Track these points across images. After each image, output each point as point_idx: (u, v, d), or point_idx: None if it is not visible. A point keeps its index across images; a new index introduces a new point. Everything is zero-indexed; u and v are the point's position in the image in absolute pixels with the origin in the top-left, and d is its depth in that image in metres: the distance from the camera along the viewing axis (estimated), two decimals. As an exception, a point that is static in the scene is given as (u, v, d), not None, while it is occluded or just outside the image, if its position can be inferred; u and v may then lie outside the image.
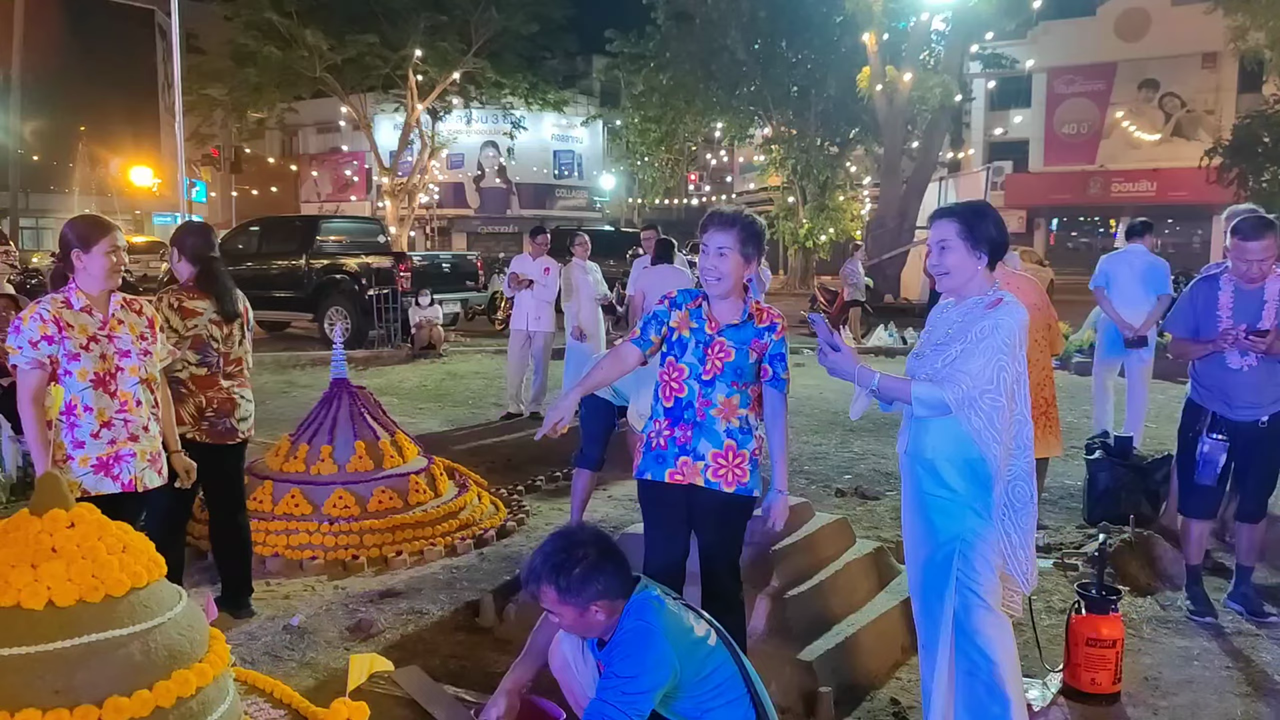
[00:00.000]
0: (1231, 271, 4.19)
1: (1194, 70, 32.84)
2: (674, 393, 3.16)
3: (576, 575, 2.58)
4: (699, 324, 3.17)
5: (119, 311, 3.48)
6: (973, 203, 2.99)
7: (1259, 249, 4.03)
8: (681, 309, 3.21)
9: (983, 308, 2.81)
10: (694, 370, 3.14)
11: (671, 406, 3.17)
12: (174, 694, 2.33)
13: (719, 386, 3.12)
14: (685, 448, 3.13)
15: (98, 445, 3.36)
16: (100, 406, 3.36)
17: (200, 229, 4.34)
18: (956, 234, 2.84)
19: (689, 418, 3.13)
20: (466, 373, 12.21)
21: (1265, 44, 23.01)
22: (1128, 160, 33.84)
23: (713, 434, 3.11)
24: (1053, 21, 31.71)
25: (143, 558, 2.48)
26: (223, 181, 39.92)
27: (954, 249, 2.85)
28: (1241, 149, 23.74)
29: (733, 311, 3.19)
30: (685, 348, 3.16)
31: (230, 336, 4.13)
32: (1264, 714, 3.45)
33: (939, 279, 2.93)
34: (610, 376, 3.38)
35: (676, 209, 40.69)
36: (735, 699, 2.65)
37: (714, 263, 3.13)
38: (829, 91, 25.24)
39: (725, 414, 3.12)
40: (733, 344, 3.14)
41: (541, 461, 7.24)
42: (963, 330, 2.80)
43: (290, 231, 16.50)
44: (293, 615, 4.22)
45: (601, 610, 2.62)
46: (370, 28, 24.78)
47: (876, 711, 3.47)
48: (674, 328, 3.20)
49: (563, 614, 2.62)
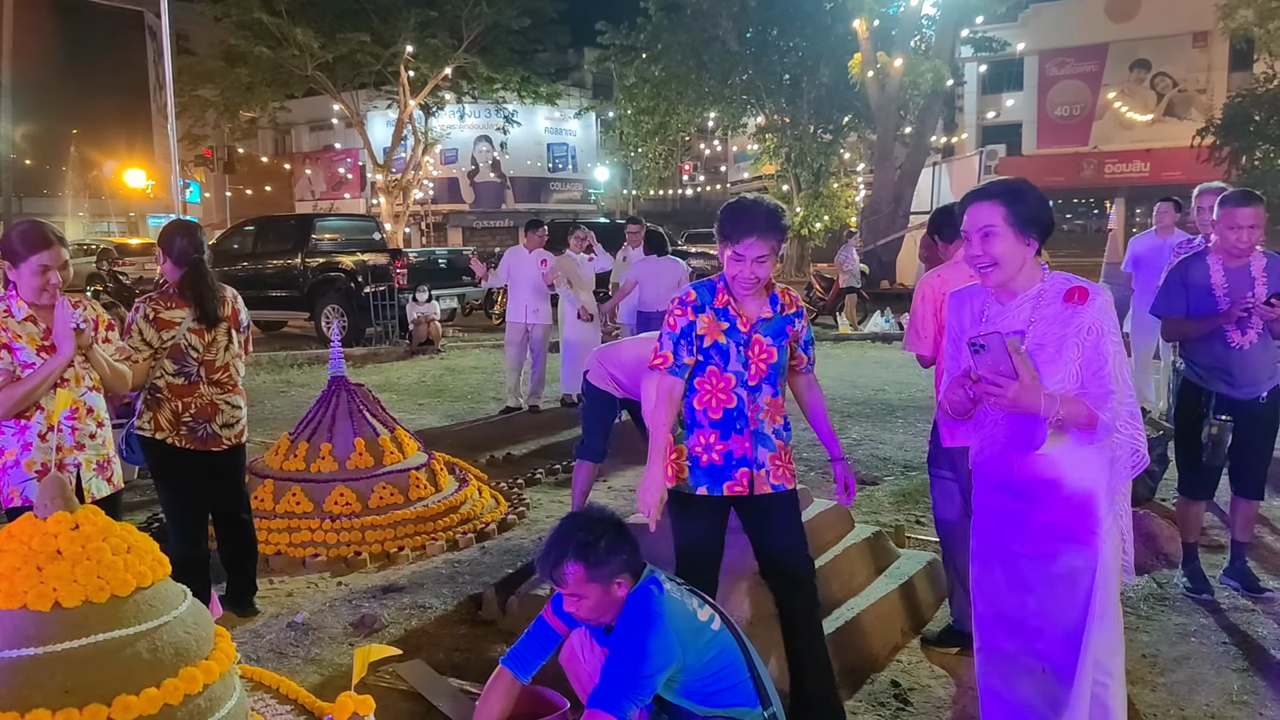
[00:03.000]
0: (1218, 246, 4.22)
1: (1185, 50, 32.85)
2: (721, 404, 3.02)
3: (603, 549, 2.59)
4: (730, 323, 3.01)
5: None
6: (1010, 181, 2.58)
7: (1249, 215, 4.07)
8: (706, 311, 3.02)
9: (1062, 301, 2.46)
10: (741, 378, 3.01)
11: (721, 418, 3.02)
12: (182, 691, 2.35)
13: (764, 390, 3.03)
14: (745, 460, 3.02)
15: (44, 450, 3.30)
16: (50, 409, 3.28)
17: (187, 229, 4.21)
18: (1003, 218, 2.47)
19: (742, 428, 3.01)
20: (465, 368, 12.23)
21: (1254, 21, 23.01)
22: (1120, 141, 33.86)
23: (766, 439, 3.04)
24: (1043, 4, 31.73)
25: (147, 558, 2.49)
26: (217, 182, 39.89)
27: (1000, 235, 2.47)
28: (1233, 128, 23.75)
29: (761, 304, 3.06)
30: (727, 355, 3.01)
31: (214, 343, 4.01)
32: (1261, 688, 3.49)
33: (984, 272, 2.54)
34: (672, 416, 3.05)
35: (671, 200, 40.74)
36: (738, 683, 2.68)
37: (753, 271, 2.97)
38: (821, 79, 25.22)
39: (772, 414, 3.06)
40: (772, 342, 3.04)
41: (542, 455, 7.27)
42: (1057, 335, 2.44)
43: (285, 230, 16.48)
44: (297, 612, 4.25)
45: (623, 585, 2.63)
46: (361, 25, 24.69)
47: (877, 694, 3.51)
48: (703, 335, 3.02)
49: (588, 593, 2.61)
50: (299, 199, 42.97)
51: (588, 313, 8.96)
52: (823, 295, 16.77)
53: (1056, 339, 2.43)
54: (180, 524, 4.06)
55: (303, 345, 14.57)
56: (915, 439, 7.24)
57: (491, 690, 2.82)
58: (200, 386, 3.99)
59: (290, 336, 16.08)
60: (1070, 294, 2.45)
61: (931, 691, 3.52)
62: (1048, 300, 2.48)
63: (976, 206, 2.53)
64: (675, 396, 3.03)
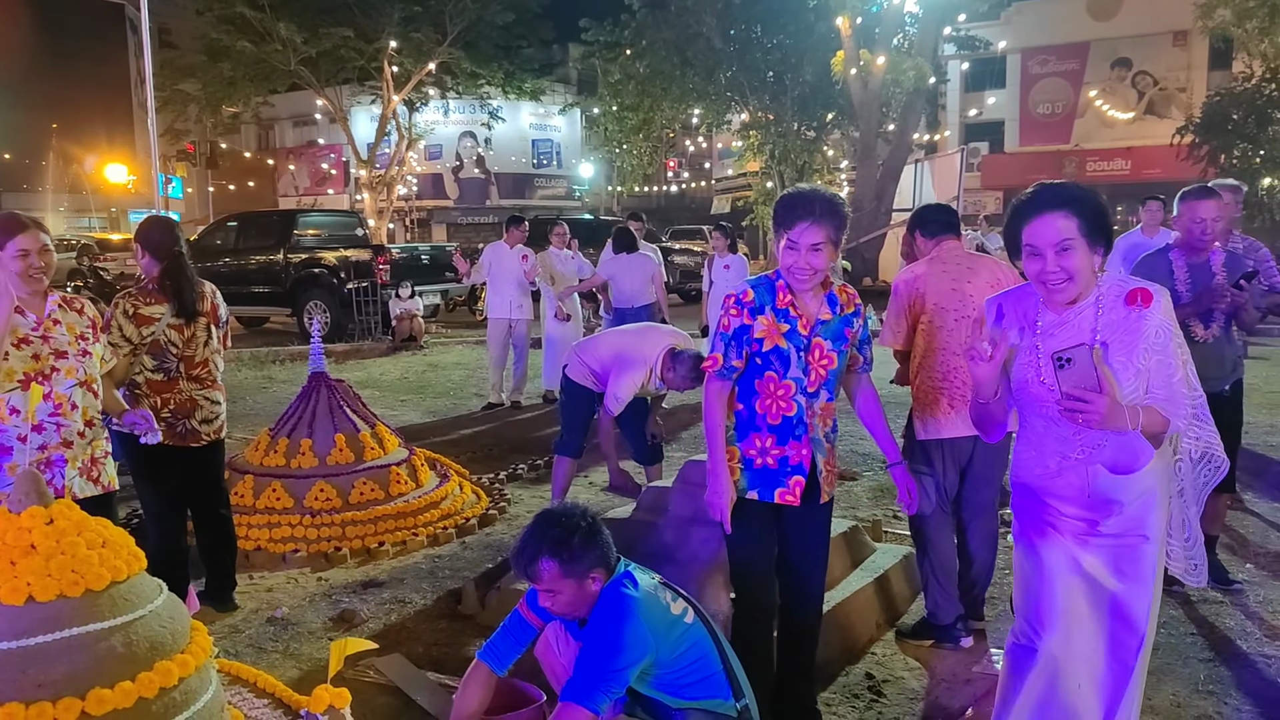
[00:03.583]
0: (1179, 241, 4.31)
1: (1165, 48, 33.05)
2: (781, 411, 2.93)
3: (577, 545, 2.61)
4: (791, 326, 2.90)
5: (56, 311, 3.37)
6: (1070, 187, 2.39)
7: (1210, 208, 4.18)
8: (765, 313, 2.90)
9: (1124, 305, 2.32)
10: (800, 385, 2.92)
11: (780, 424, 2.93)
12: (156, 684, 2.36)
13: (822, 395, 2.97)
14: (800, 468, 2.95)
15: (26, 451, 3.26)
16: (29, 409, 3.23)
17: (164, 224, 4.24)
18: (1078, 230, 2.29)
19: (801, 434, 2.94)
20: (447, 364, 12.23)
21: (1232, 21, 23.17)
22: (1102, 139, 34.05)
23: (820, 445, 2.99)
24: (1025, 2, 31.85)
25: (123, 552, 2.50)
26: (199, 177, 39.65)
27: (1077, 248, 2.29)
28: (1212, 126, 23.89)
29: (820, 303, 2.96)
30: (787, 362, 2.91)
31: (193, 339, 4.03)
32: (1225, 677, 3.54)
33: (1059, 288, 2.32)
34: (724, 418, 3.00)
35: (656, 196, 40.70)
36: (711, 675, 2.71)
37: (809, 260, 2.83)
38: (805, 76, 25.26)
39: (824, 419, 2.99)
40: (832, 347, 2.94)
41: (522, 450, 7.29)
42: (1128, 342, 2.30)
43: (268, 226, 16.44)
44: (276, 607, 4.26)
45: (598, 580, 2.65)
46: (344, 20, 24.57)
47: (852, 685, 3.55)
48: (762, 339, 2.90)
49: (563, 589, 2.62)
50: (282, 194, 42.75)
51: (564, 312, 8.98)
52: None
53: (1127, 346, 2.29)
54: (159, 519, 4.07)
55: (285, 341, 14.54)
56: (894, 434, 7.28)
57: (468, 683, 2.84)
58: (179, 382, 4.00)
59: (272, 332, 16.04)
60: (1132, 296, 2.31)
61: (905, 683, 3.56)
62: (1109, 305, 2.32)
63: (1047, 218, 2.31)
64: (724, 399, 2.98)
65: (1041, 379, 2.35)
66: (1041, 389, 2.35)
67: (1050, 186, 2.38)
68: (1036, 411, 2.42)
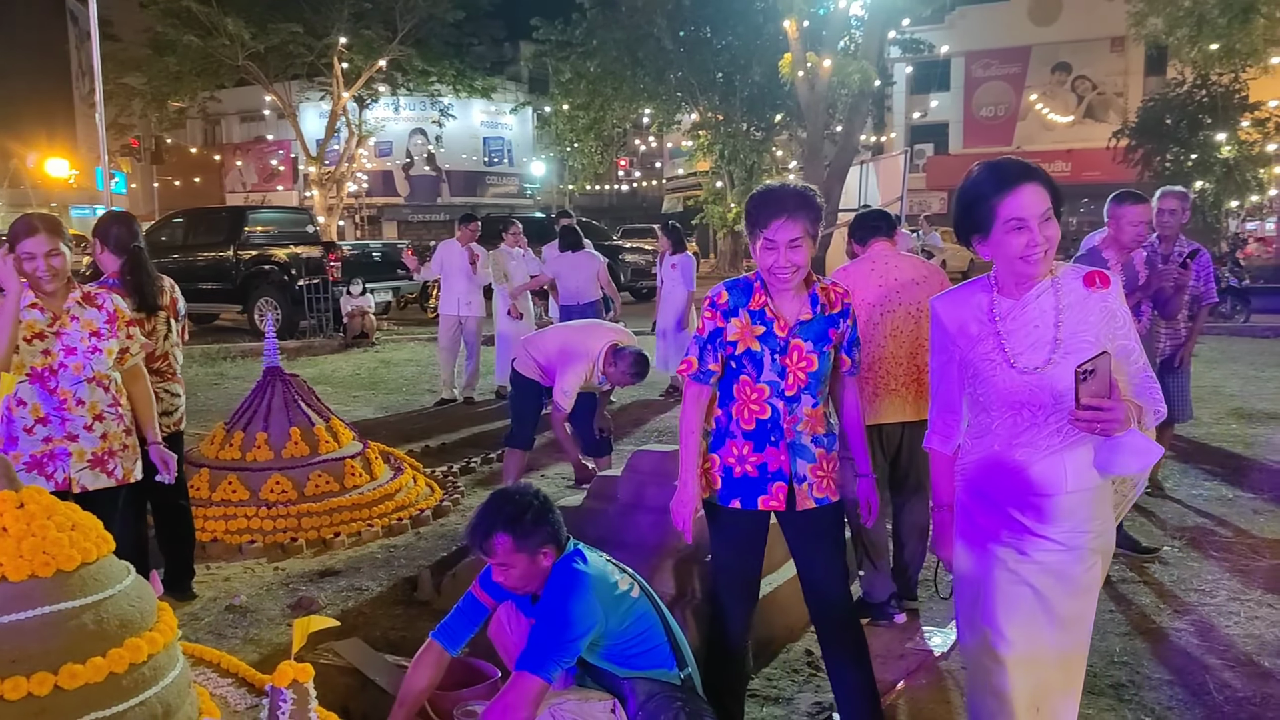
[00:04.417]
0: (1108, 240, 4.66)
1: (1103, 54, 34.01)
2: (755, 414, 2.82)
3: (529, 521, 2.73)
4: (767, 328, 2.80)
5: (74, 307, 3.44)
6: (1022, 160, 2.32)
7: (1140, 212, 4.54)
8: (738, 315, 2.81)
9: (1083, 287, 2.26)
10: (776, 388, 2.80)
11: (754, 429, 2.82)
12: (127, 661, 2.47)
13: (804, 400, 2.81)
14: (780, 473, 2.83)
15: (31, 442, 3.35)
16: (35, 402, 3.33)
17: (124, 219, 4.30)
18: (1052, 199, 2.23)
19: (777, 440, 2.81)
20: (400, 360, 12.28)
21: (1163, 30, 23.91)
22: (1043, 141, 34.87)
23: (805, 450, 2.83)
24: (969, 6, 32.55)
25: (92, 534, 2.60)
26: (143, 172, 38.93)
27: (1053, 220, 2.23)
28: (1146, 130, 24.68)
29: (801, 303, 2.83)
30: (760, 365, 2.80)
31: (153, 332, 4.11)
32: (1140, 649, 3.79)
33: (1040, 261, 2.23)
34: (702, 422, 2.91)
35: (608, 195, 40.84)
36: (655, 646, 2.87)
37: (789, 258, 2.72)
38: (753, 78, 25.62)
39: (812, 425, 2.84)
40: (813, 349, 2.80)
41: (475, 444, 7.41)
42: (1092, 325, 2.24)
43: (217, 222, 16.33)
44: (235, 595, 4.35)
45: (549, 555, 2.78)
46: (293, 15, 24.33)
47: (792, 662, 3.74)
48: (735, 342, 2.81)
49: (515, 563, 2.74)
50: (229, 190, 42.15)
51: (517, 311, 9.11)
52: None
53: (1094, 329, 2.23)
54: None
55: (236, 338, 14.46)
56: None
57: (420, 661, 2.94)
58: None
59: (222, 329, 15.93)
60: (1090, 278, 2.26)
61: (841, 658, 3.75)
62: (1067, 288, 2.26)
63: (1031, 189, 2.20)
64: (702, 403, 2.89)
65: (1013, 363, 2.26)
66: (1011, 376, 2.26)
67: (1012, 160, 2.31)
68: (1007, 400, 2.29)
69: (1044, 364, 2.23)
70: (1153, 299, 4.74)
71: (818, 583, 2.98)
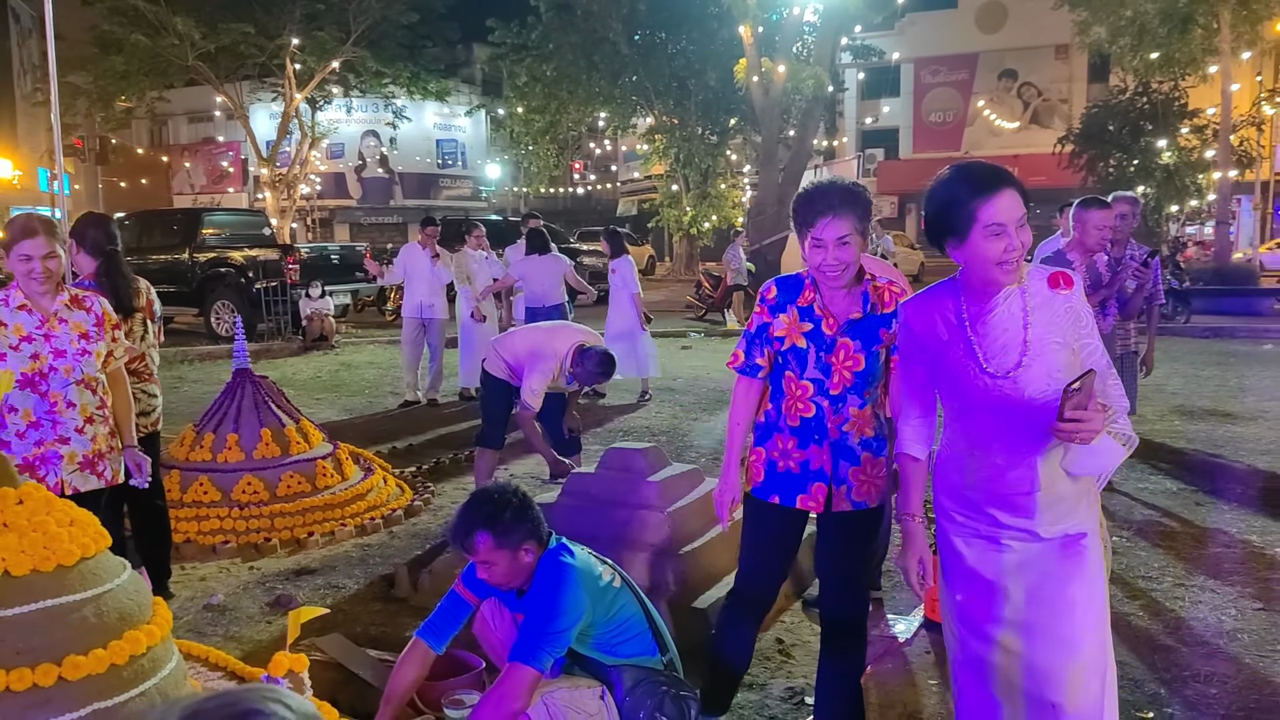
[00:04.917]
0: (1074, 244, 4.92)
1: (1048, 61, 34.84)
2: (799, 412, 2.78)
3: (508, 519, 2.80)
4: (814, 325, 2.74)
5: (63, 310, 3.44)
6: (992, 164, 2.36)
7: (1104, 217, 4.82)
8: (787, 311, 2.78)
9: (1048, 289, 2.28)
10: (820, 386, 2.75)
11: (798, 426, 2.78)
12: (127, 652, 2.53)
13: (850, 400, 2.74)
14: (821, 473, 2.77)
15: (24, 446, 3.35)
16: (26, 407, 3.34)
17: (100, 220, 4.30)
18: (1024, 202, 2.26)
19: (820, 439, 2.76)
20: (360, 363, 12.26)
21: (1106, 38, 24.57)
22: (990, 146, 35.57)
23: (849, 451, 2.76)
24: (918, 14, 33.11)
25: (90, 530, 2.66)
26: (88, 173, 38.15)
27: (1027, 224, 2.26)
28: (1090, 136, 25.31)
29: (852, 301, 2.75)
30: (804, 361, 2.75)
31: (130, 333, 4.12)
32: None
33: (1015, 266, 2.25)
34: (749, 415, 2.93)
35: (562, 198, 40.85)
36: (638, 634, 2.99)
37: (837, 255, 2.64)
38: (708, 82, 25.87)
39: (859, 427, 2.76)
40: (860, 348, 2.72)
41: (443, 445, 7.46)
42: (1059, 326, 2.27)
43: (172, 225, 16.15)
44: (212, 594, 4.38)
45: (530, 551, 2.86)
46: (244, 15, 24.02)
47: (764, 650, 3.86)
48: (782, 337, 2.78)
49: (497, 560, 2.81)
50: (177, 192, 41.44)
51: (480, 314, 9.17)
52: (711, 293, 17.33)
53: (1060, 330, 2.26)
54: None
55: (192, 341, 14.31)
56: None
57: (405, 660, 2.99)
58: None
59: (178, 333, 15.73)
60: (1054, 280, 2.28)
61: (811, 646, 3.87)
62: (1033, 289, 2.28)
63: (1010, 194, 2.22)
64: (750, 397, 2.89)
65: (985, 367, 2.27)
66: (984, 380, 2.27)
67: (985, 165, 2.32)
68: (980, 404, 2.30)
69: (1015, 367, 2.24)
70: (1115, 297, 5.01)
71: (834, 586, 2.93)
